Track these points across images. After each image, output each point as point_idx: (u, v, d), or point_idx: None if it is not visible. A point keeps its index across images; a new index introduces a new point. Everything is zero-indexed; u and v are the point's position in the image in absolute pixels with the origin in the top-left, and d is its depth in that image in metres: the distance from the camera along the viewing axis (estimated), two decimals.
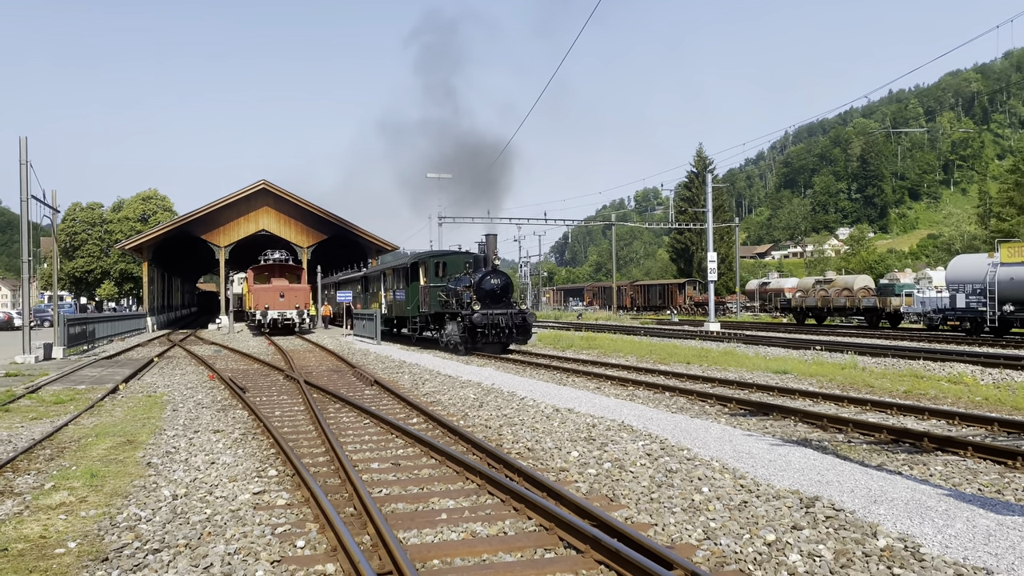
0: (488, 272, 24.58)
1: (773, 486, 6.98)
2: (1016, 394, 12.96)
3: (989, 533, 5.46)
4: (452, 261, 28.42)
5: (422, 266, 29.11)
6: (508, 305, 24.53)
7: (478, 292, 24.14)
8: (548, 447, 9.20)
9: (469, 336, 23.92)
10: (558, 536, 5.92)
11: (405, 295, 30.19)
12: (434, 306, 27.28)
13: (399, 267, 32.09)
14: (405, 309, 30.40)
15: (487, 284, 24.35)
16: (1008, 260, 30.16)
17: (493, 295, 24.34)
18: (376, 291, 36.78)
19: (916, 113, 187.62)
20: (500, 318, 23.88)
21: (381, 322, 32.98)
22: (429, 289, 27.79)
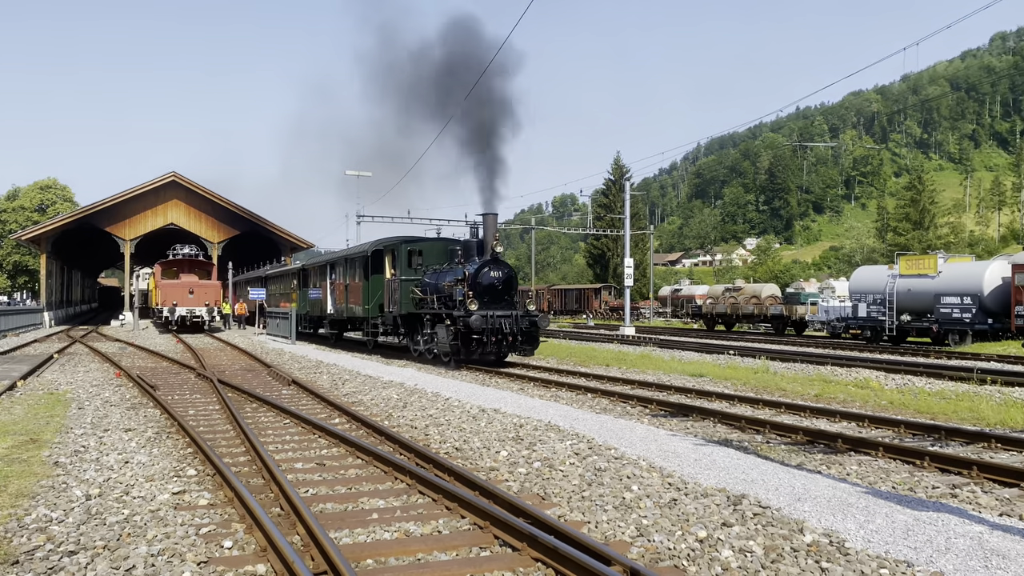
0: (487, 262, 19.60)
1: (700, 484, 7.12)
2: (918, 398, 13.62)
3: (907, 528, 5.69)
4: (430, 249, 23.36)
5: (389, 255, 23.70)
6: (511, 305, 19.80)
7: (474, 287, 19.15)
8: (476, 447, 9.16)
9: (463, 344, 18.96)
10: (493, 535, 5.88)
11: (362, 291, 24.77)
12: (405, 305, 22.20)
13: (354, 257, 26.22)
14: (362, 308, 24.96)
15: (486, 277, 19.45)
16: (906, 272, 31.75)
17: (493, 291, 19.51)
18: (319, 286, 31.02)
19: (821, 130, 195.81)
20: (503, 321, 18.86)
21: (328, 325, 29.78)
22: (400, 284, 22.45)
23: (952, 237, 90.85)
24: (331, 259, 29.80)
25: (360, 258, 25.25)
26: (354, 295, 25.82)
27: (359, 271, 25.30)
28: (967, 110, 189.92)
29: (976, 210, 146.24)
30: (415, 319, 22.17)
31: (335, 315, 28.78)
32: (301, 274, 34.09)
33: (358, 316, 25.84)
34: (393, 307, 22.88)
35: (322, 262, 31.25)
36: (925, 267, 31.39)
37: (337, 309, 28.45)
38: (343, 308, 27.36)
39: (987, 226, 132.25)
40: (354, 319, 26.97)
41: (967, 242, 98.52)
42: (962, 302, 29.35)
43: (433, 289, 20.90)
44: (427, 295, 21.10)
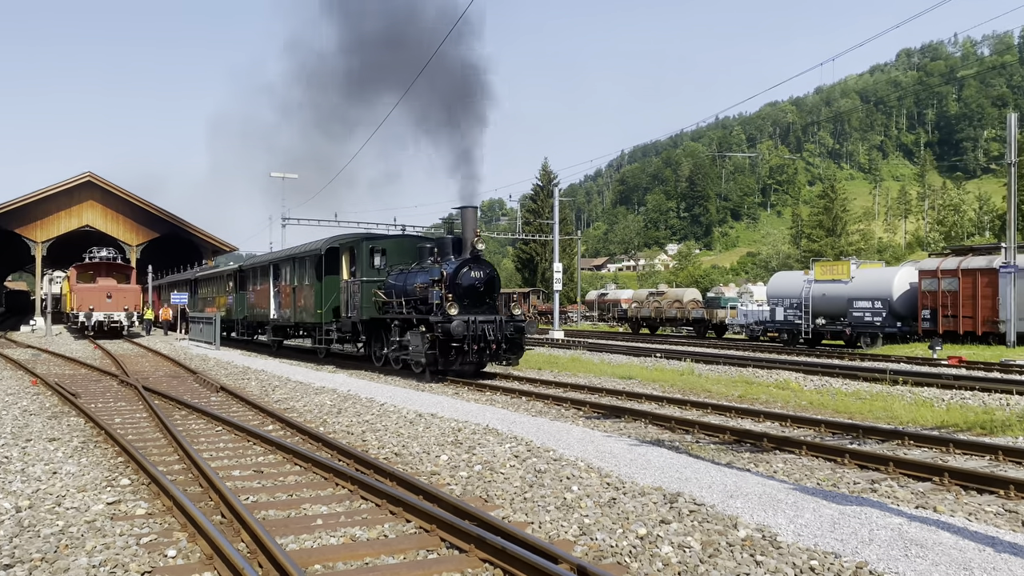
0: (467, 261, 17.65)
1: (637, 483, 7.35)
2: (836, 399, 14.26)
3: (834, 521, 6.02)
4: (396, 247, 21.14)
5: (346, 253, 21.51)
6: (493, 309, 17.98)
7: (452, 289, 17.22)
8: (416, 451, 9.21)
9: (441, 353, 17.08)
10: (440, 537, 5.96)
11: (314, 294, 22.47)
12: (367, 310, 20.11)
13: (303, 256, 23.63)
14: (313, 313, 22.53)
15: (466, 278, 17.47)
16: (820, 277, 33.07)
17: (474, 294, 17.56)
18: (260, 288, 28.34)
19: (739, 139, 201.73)
20: (486, 328, 16.92)
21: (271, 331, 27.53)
22: (361, 286, 20.30)
23: (862, 244, 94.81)
24: (275, 259, 27.16)
25: (311, 257, 22.80)
26: (304, 298, 23.49)
27: (310, 272, 22.92)
28: (876, 122, 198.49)
29: (884, 218, 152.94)
30: (379, 325, 20.22)
31: (279, 320, 26.41)
32: (238, 276, 31.61)
33: (308, 322, 23.58)
34: (352, 312, 20.75)
35: (264, 262, 28.55)
36: (839, 273, 32.74)
37: (282, 314, 25.88)
38: (290, 313, 24.87)
39: (895, 233, 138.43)
40: (303, 325, 24.66)
41: (876, 248, 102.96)
42: (873, 306, 30.74)
43: (400, 291, 19.04)
44: (392, 298, 19.24)
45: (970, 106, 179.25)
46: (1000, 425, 10.91)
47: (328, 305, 22.15)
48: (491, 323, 17.06)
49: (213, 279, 37.00)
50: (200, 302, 38.83)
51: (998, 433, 10.53)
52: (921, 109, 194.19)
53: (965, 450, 9.22)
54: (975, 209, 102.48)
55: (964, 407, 12.84)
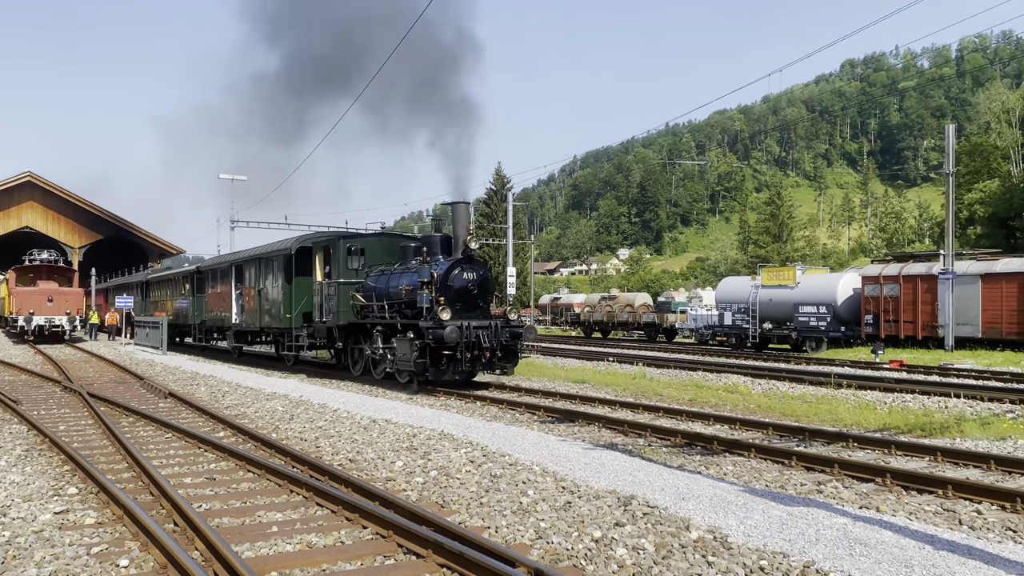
0: (459, 261, 16.42)
1: (592, 487, 7.45)
2: (783, 402, 14.61)
3: (782, 522, 6.20)
4: (375, 246, 19.75)
5: (320, 253, 20.03)
6: (487, 312, 16.79)
7: (444, 292, 15.99)
8: (371, 457, 9.19)
9: (431, 361, 15.66)
10: (396, 543, 5.97)
11: (282, 297, 21.06)
12: (345, 314, 18.76)
13: (270, 256, 22.08)
14: (282, 318, 21.09)
15: (458, 279, 16.27)
16: (767, 283, 33.78)
17: (467, 297, 16.33)
18: (221, 291, 26.57)
19: (689, 146, 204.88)
20: (481, 334, 15.70)
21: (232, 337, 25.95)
22: (337, 288, 18.88)
23: (807, 250, 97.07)
24: (238, 259, 25.35)
25: (280, 257, 21.31)
26: (271, 302, 21.98)
27: (278, 273, 21.43)
28: (821, 131, 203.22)
29: (829, 224, 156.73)
30: (358, 331, 18.85)
31: (242, 325, 24.70)
32: (195, 278, 29.64)
33: (275, 327, 22.10)
34: (328, 316, 19.30)
35: (225, 263, 26.65)
36: (785, 278, 33.49)
37: (246, 318, 24.16)
38: (255, 317, 23.23)
39: (838, 239, 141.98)
40: (270, 330, 23.10)
41: (821, 254, 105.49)
42: (818, 311, 31.49)
43: (382, 294, 17.74)
44: (373, 302, 17.92)
45: (911, 116, 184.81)
46: (939, 427, 11.31)
47: (298, 309, 20.74)
48: (486, 329, 15.83)
49: (167, 281, 35.08)
50: (152, 305, 37.29)
51: (937, 435, 10.91)
52: (864, 119, 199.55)
53: (906, 451, 9.54)
54: (915, 217, 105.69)
55: (905, 410, 13.27)
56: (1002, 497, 7.19)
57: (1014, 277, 26.34)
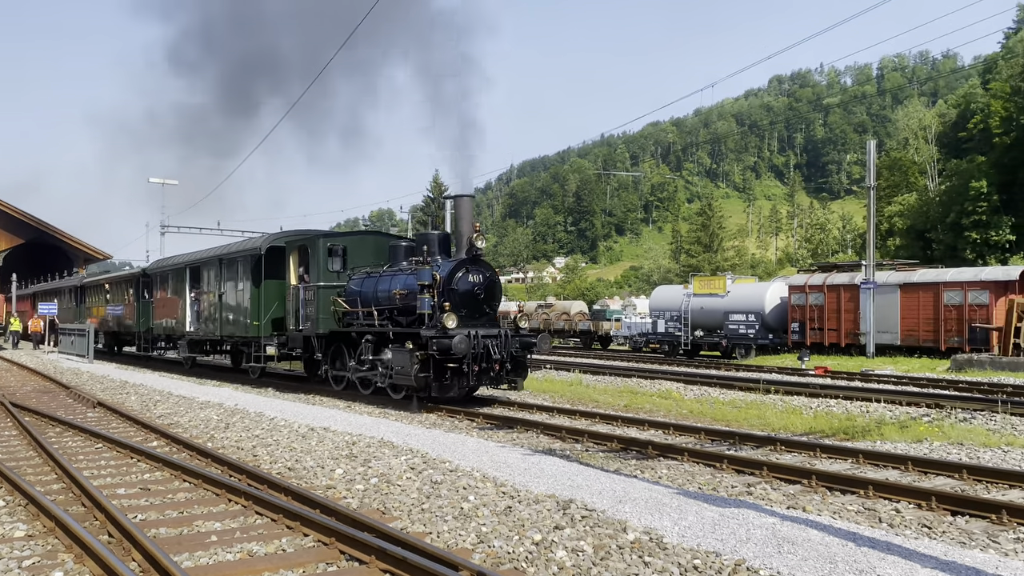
0: (464, 263, 14.81)
1: (531, 492, 7.59)
2: (714, 407, 15.02)
3: (715, 523, 6.44)
4: (359, 245, 17.91)
5: (295, 253, 18.29)
6: (493, 320, 15.35)
7: (447, 296, 14.49)
8: (310, 465, 9.15)
9: (435, 375, 14.04)
10: (339, 550, 5.99)
11: (249, 303, 19.21)
12: (325, 322, 17.01)
13: (235, 257, 20.23)
14: (248, 325, 19.30)
15: (463, 283, 14.71)
16: (699, 292, 34.61)
17: (472, 302, 14.81)
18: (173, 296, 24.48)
19: (623, 157, 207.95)
20: (491, 343, 14.10)
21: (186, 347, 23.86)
22: (316, 292, 17.09)
23: (737, 259, 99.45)
24: (195, 260, 23.30)
25: (246, 258, 19.46)
26: (235, 308, 20.14)
27: (244, 276, 19.60)
28: (750, 144, 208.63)
29: (757, 235, 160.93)
30: (340, 341, 16.90)
31: (199, 334, 22.65)
32: (141, 281, 27.53)
33: (239, 336, 20.14)
34: (305, 324, 17.55)
35: (178, 265, 24.42)
36: (716, 287, 34.37)
37: (204, 326, 22.13)
38: (214, 325, 21.28)
39: (766, 249, 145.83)
40: (232, 340, 21.19)
41: (750, 264, 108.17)
42: (747, 319, 32.41)
43: (370, 299, 16.09)
44: (358, 307, 16.30)
45: (834, 131, 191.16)
46: (861, 430, 11.81)
47: (268, 315, 18.88)
48: (495, 338, 14.19)
49: (106, 286, 32.42)
50: (88, 312, 34.92)
51: (859, 438, 11.39)
52: (791, 133, 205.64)
53: (830, 454, 9.95)
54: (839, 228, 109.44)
55: (829, 414, 13.80)
56: (919, 496, 7.59)
57: (930, 287, 27.58)
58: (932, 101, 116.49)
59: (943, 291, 27.06)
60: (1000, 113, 63.12)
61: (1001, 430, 11.56)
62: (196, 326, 23.00)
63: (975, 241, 60.24)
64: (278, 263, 18.80)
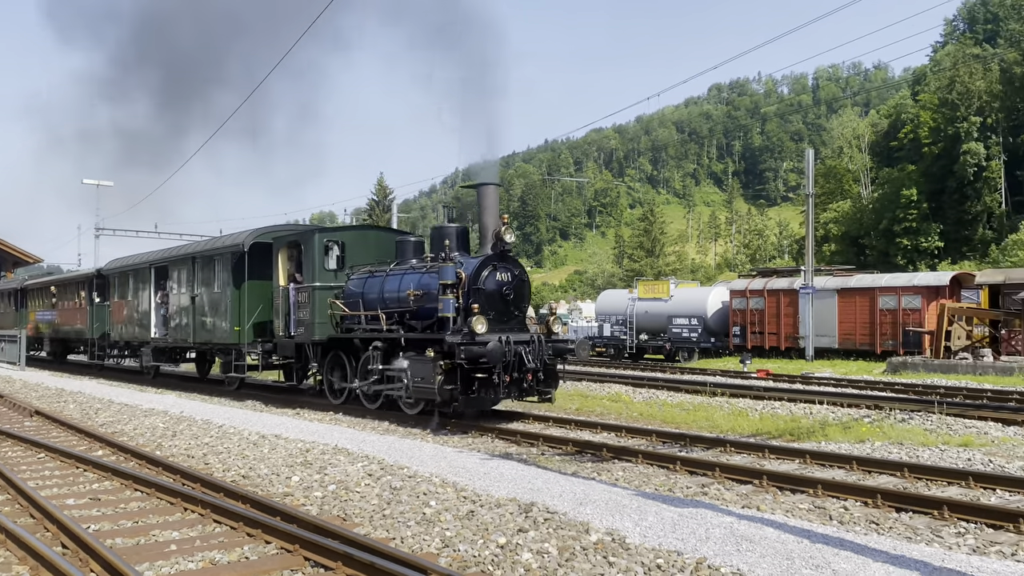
0: (490, 259, 13.30)
1: (492, 496, 7.64)
2: (663, 410, 15.27)
3: (674, 523, 6.58)
4: (359, 241, 16.42)
5: (285, 251, 16.63)
6: (523, 323, 13.83)
7: (475, 295, 12.96)
8: (264, 473, 9.04)
9: (463, 386, 12.49)
10: (303, 556, 5.96)
11: (229, 306, 17.57)
12: (323, 327, 15.42)
13: (212, 255, 18.54)
14: (225, 331, 17.69)
15: (490, 281, 13.19)
16: (644, 296, 35.13)
17: (501, 304, 13.31)
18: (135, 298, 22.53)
19: (567, 163, 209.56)
20: (523, 351, 12.55)
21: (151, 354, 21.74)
22: (311, 294, 15.48)
23: (678, 264, 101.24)
24: (162, 259, 21.43)
25: (226, 256, 17.82)
26: (211, 311, 18.39)
27: (222, 276, 17.92)
28: (689, 151, 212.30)
29: (697, 240, 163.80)
30: (340, 348, 15.26)
31: (166, 341, 20.77)
32: (93, 283, 25.64)
33: (217, 343, 18.40)
34: (298, 329, 15.88)
35: (141, 264, 22.37)
36: (660, 291, 34.93)
37: (174, 332, 20.21)
38: (185, 331, 19.50)
39: (706, 255, 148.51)
40: (208, 347, 19.42)
41: (690, 268, 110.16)
42: (690, 323, 33.01)
43: (374, 301, 14.47)
44: (360, 311, 14.76)
45: (772, 140, 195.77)
46: (806, 431, 12.17)
47: (251, 320, 17.29)
48: (527, 344, 12.68)
49: (52, 288, 29.66)
50: (28, 318, 32.61)
51: (804, 439, 11.73)
52: (729, 141, 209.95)
53: (778, 455, 10.23)
54: (776, 234, 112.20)
55: (775, 416, 14.16)
56: (865, 494, 7.87)
57: (866, 292, 28.50)
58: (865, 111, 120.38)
59: (878, 296, 27.99)
60: (929, 123, 65.64)
61: (937, 430, 12.03)
62: (163, 332, 21.21)
63: (906, 247, 62.47)
64: (263, 261, 17.09)
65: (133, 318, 22.73)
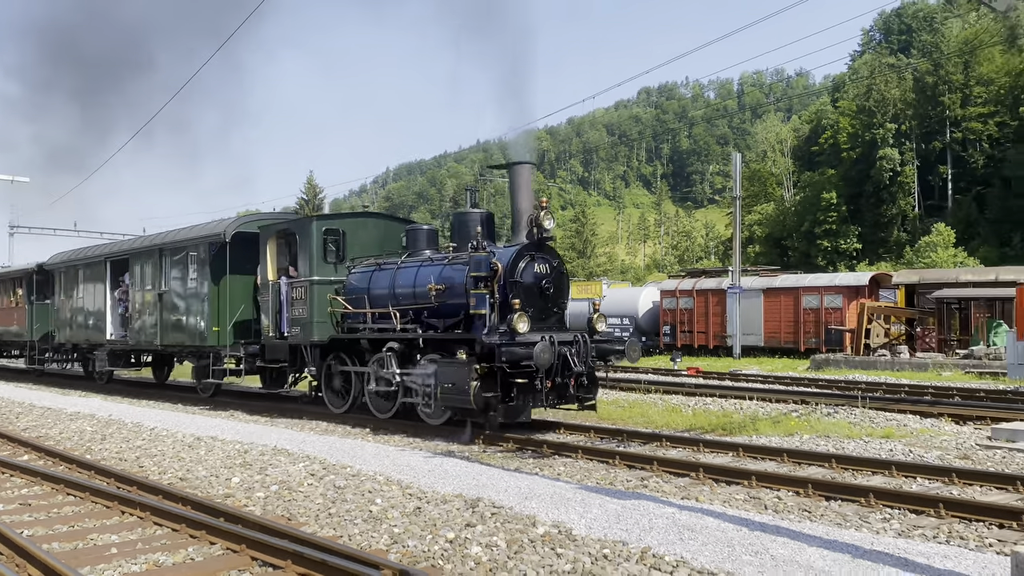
0: (527, 248, 11.67)
1: (438, 492, 7.69)
2: (599, 407, 15.47)
3: (618, 514, 6.75)
4: (360, 230, 14.78)
5: (274, 240, 14.92)
6: (562, 321, 12.34)
7: (511, 288, 11.36)
8: (203, 475, 8.89)
9: (503, 393, 11.03)
10: (250, 556, 5.91)
11: (206, 302, 15.90)
12: (322, 326, 13.76)
13: (183, 246, 16.87)
14: (200, 332, 16.05)
15: (528, 273, 11.57)
16: (576, 296, 35.40)
17: (539, 298, 11.70)
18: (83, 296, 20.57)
19: (499, 163, 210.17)
20: (568, 352, 11.08)
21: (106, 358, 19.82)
22: (309, 290, 13.82)
23: (609, 265, 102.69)
24: (119, 252, 19.39)
25: (203, 247, 16.14)
26: (184, 310, 16.69)
27: (199, 270, 16.24)
28: (620, 154, 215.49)
29: (627, 241, 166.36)
30: (343, 350, 13.69)
31: (127, 343, 18.95)
32: (33, 280, 23.35)
33: (189, 345, 16.70)
34: (293, 329, 14.15)
35: (93, 258, 20.40)
36: (592, 292, 35.38)
37: (137, 334, 18.29)
38: (150, 332, 17.66)
39: (636, 255, 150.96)
40: (176, 349, 17.58)
41: (620, 269, 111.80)
42: (622, 322, 33.57)
43: (383, 297, 13.03)
44: (366, 307, 13.26)
45: (699, 143, 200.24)
46: (738, 426, 12.56)
47: (234, 318, 15.59)
48: (571, 344, 11.24)
49: None
50: None
51: (736, 433, 12.11)
52: (658, 143, 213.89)
53: (713, 448, 10.54)
54: (703, 235, 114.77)
55: (707, 412, 14.55)
56: (797, 484, 8.19)
57: (790, 292, 29.49)
58: (787, 116, 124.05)
59: (802, 295, 28.99)
60: (847, 129, 68.16)
61: (861, 423, 12.57)
62: (121, 333, 19.35)
63: (826, 249, 64.67)
64: (247, 253, 15.48)
65: (84, 318, 20.64)
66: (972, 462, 9.61)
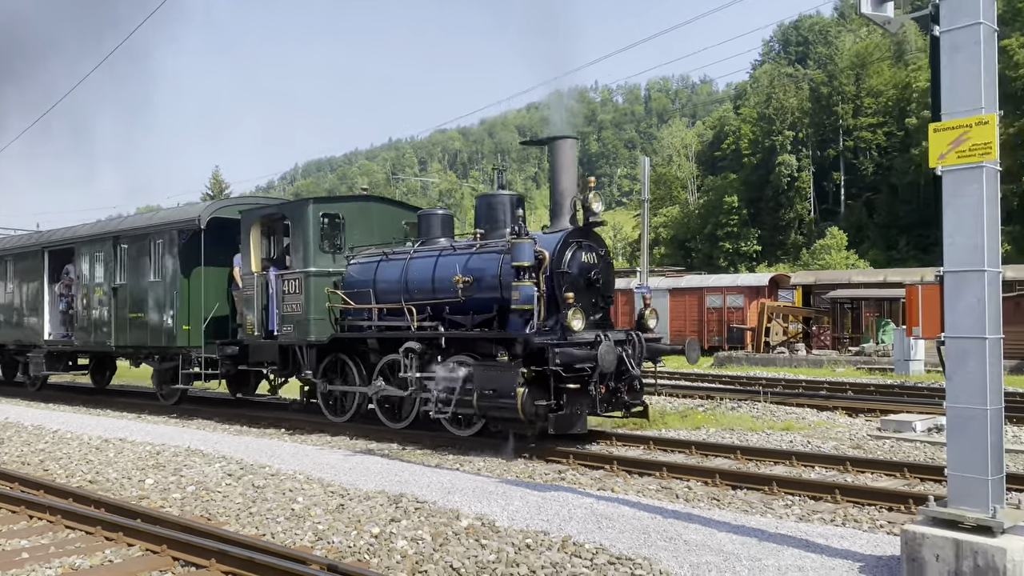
0: (573, 234, 10.36)
1: (361, 489, 7.74)
2: None
3: (539, 506, 6.97)
4: (360, 216, 13.16)
5: (258, 226, 13.27)
6: (607, 316, 11.10)
7: (559, 279, 10.04)
8: (114, 477, 8.67)
9: (556, 400, 9.59)
10: (172, 557, 5.85)
11: (173, 296, 14.14)
12: (320, 324, 12.17)
13: (146, 233, 14.95)
14: (167, 331, 14.25)
15: (575, 263, 10.25)
16: None
17: (587, 291, 10.40)
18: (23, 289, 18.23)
19: (412, 162, 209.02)
20: (623, 353, 9.97)
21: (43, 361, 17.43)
22: (304, 282, 12.26)
23: None
24: (60, 240, 17.38)
25: (170, 235, 14.36)
26: (145, 306, 14.77)
27: (167, 260, 14.39)
28: (531, 155, 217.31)
29: None
30: (345, 351, 12.20)
31: (70, 344, 16.93)
32: None
33: (154, 346, 14.74)
34: (284, 327, 12.52)
35: (27, 247, 18.27)
36: None
37: (85, 333, 16.24)
38: (104, 332, 15.70)
39: None
40: (133, 350, 15.66)
41: None
42: None
43: (396, 290, 11.54)
44: (368, 302, 11.77)
45: (607, 146, 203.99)
46: (647, 420, 12.97)
47: (209, 315, 14.06)
48: (626, 344, 10.17)
49: None
50: None
51: (647, 427, 12.51)
52: None
53: (625, 442, 10.90)
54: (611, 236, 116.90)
55: None
56: (705, 474, 8.60)
57: (695, 292, 30.53)
58: (692, 122, 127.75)
59: (706, 295, 30.05)
60: (748, 136, 70.84)
61: (763, 416, 13.21)
62: (63, 333, 17.42)
63: (728, 251, 67.02)
64: (224, 242, 13.83)
65: (14, 315, 18.44)
66: (864, 451, 10.26)
